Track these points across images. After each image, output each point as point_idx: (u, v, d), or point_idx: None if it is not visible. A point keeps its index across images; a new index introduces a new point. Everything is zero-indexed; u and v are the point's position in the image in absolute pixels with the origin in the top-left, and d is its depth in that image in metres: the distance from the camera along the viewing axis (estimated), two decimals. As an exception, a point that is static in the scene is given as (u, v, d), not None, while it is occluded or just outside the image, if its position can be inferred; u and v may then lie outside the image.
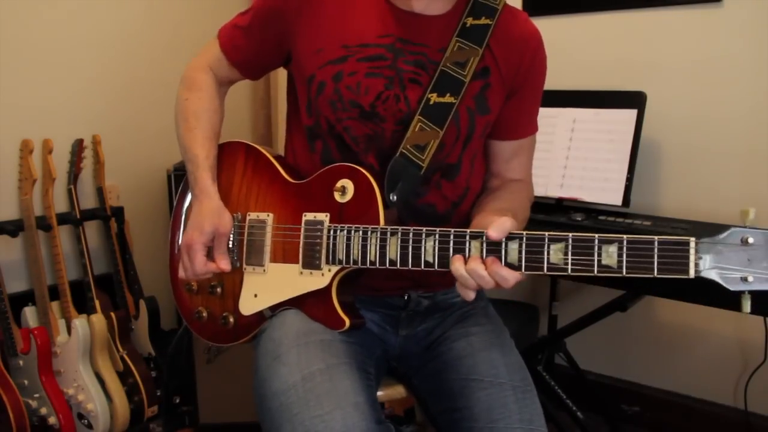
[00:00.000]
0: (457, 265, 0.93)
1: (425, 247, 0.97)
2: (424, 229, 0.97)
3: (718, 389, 2.03)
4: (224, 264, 1.11)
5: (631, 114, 1.84)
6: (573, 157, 1.92)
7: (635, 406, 2.17)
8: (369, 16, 1.09)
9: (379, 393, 1.18)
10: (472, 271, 0.92)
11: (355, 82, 1.07)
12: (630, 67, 2.03)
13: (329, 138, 1.12)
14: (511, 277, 0.91)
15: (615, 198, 1.82)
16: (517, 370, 1.09)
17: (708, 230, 1.76)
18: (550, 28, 2.15)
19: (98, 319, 2.03)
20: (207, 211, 1.12)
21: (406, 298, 1.16)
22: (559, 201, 1.94)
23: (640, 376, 2.19)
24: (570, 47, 2.12)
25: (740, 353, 1.97)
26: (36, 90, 2.08)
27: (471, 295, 0.95)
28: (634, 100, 1.85)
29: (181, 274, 1.14)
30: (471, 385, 1.06)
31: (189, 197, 1.26)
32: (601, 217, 1.82)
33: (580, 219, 1.81)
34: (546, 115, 1.98)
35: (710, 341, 2.02)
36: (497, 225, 0.92)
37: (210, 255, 1.12)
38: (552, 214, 1.86)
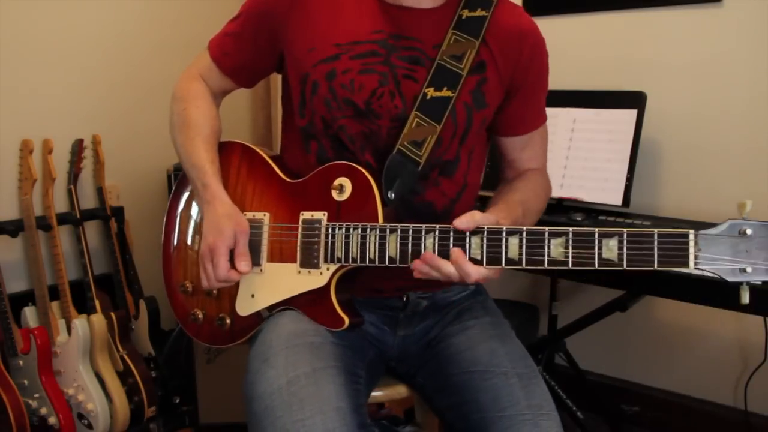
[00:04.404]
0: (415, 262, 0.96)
1: (425, 244, 0.96)
2: (424, 225, 0.97)
3: (718, 389, 2.03)
4: (244, 266, 1.08)
5: (631, 114, 1.84)
6: (573, 157, 1.92)
7: (635, 406, 2.17)
8: (360, 13, 1.09)
9: (378, 393, 1.18)
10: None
11: (349, 80, 1.06)
12: (630, 67, 2.03)
13: (324, 137, 1.11)
14: (473, 272, 0.93)
15: (615, 198, 1.82)
16: (520, 357, 1.09)
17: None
18: (550, 28, 2.15)
19: (98, 319, 2.03)
20: (223, 215, 1.10)
21: (405, 299, 1.16)
22: (559, 201, 1.94)
23: (640, 376, 2.19)
24: (570, 47, 2.12)
25: (740, 353, 1.97)
26: (36, 90, 2.08)
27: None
28: (634, 100, 1.85)
29: (204, 283, 1.11)
30: (475, 377, 1.06)
31: (184, 199, 1.25)
32: (601, 217, 1.83)
33: (580, 219, 1.81)
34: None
35: (710, 341, 2.01)
36: (464, 216, 0.94)
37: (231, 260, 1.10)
38: (552, 214, 1.86)
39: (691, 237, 0.84)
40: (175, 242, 1.25)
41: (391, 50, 1.07)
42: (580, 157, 1.91)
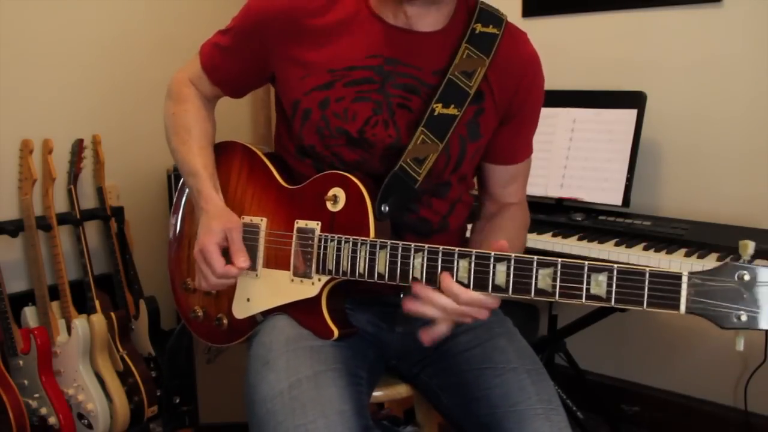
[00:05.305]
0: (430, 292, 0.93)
1: (413, 264, 0.96)
2: (413, 245, 0.96)
3: (718, 389, 2.03)
4: (242, 261, 1.06)
5: (631, 114, 1.84)
6: (573, 157, 1.92)
7: (635, 406, 2.17)
8: (357, 35, 1.06)
9: (378, 393, 1.17)
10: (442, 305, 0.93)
11: (342, 109, 1.05)
12: (630, 67, 2.03)
13: (317, 159, 1.10)
14: (462, 293, 0.91)
15: (615, 198, 1.82)
16: (527, 354, 1.10)
17: (708, 230, 1.76)
18: (550, 28, 2.17)
19: (98, 319, 2.03)
20: (213, 216, 1.10)
21: (401, 296, 1.16)
22: (559, 201, 1.94)
23: (640, 376, 2.19)
24: (570, 47, 2.12)
25: (740, 353, 1.96)
26: (36, 90, 2.08)
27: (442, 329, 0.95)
28: (634, 100, 1.85)
29: (202, 284, 1.09)
30: (485, 374, 1.06)
31: (186, 194, 1.25)
32: (601, 217, 1.83)
33: (580, 219, 1.81)
34: (546, 115, 1.97)
35: (710, 341, 2.01)
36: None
37: (227, 258, 1.08)
38: (552, 214, 1.86)
39: (685, 279, 0.78)
40: (179, 239, 1.25)
41: (386, 77, 1.05)
42: (580, 157, 1.91)
